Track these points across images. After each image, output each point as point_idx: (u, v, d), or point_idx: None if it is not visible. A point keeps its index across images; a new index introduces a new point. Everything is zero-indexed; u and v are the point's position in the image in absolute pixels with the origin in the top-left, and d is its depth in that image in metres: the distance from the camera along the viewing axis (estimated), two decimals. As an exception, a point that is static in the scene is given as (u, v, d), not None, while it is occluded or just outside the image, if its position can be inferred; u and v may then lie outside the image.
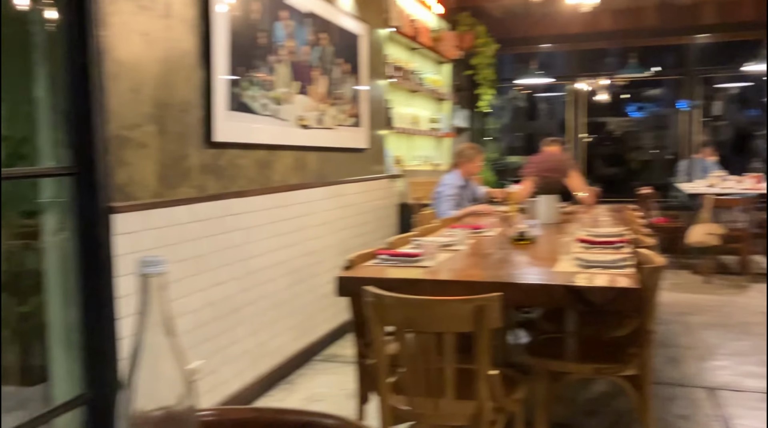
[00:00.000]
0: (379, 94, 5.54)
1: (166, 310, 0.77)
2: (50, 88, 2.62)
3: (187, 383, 0.77)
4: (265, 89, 3.68)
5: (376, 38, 5.42)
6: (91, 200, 2.54)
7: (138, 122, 2.76)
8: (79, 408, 2.68)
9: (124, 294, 2.67)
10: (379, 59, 5.50)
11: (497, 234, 3.76)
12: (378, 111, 5.49)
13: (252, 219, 3.63)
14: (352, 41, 4.89)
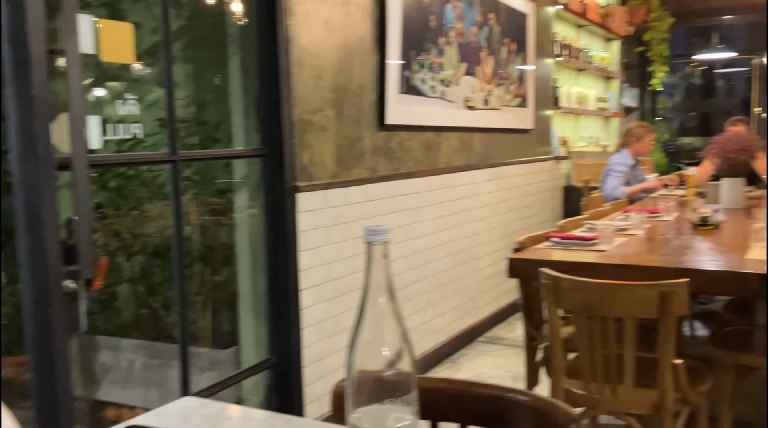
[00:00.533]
0: (545, 74, 5.40)
1: (388, 276, 0.82)
2: (242, 76, 2.83)
3: (406, 346, 0.82)
4: (434, 71, 3.73)
5: (543, 16, 5.28)
6: (278, 180, 2.72)
7: (319, 107, 2.91)
8: (264, 372, 2.90)
9: (306, 267, 2.84)
10: (546, 37, 5.37)
11: (675, 219, 3.56)
12: (544, 91, 5.37)
13: (418, 199, 3.71)
14: (520, 20, 4.80)
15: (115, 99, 2.86)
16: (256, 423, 1.05)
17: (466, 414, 1.23)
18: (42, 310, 1.86)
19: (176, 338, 3.25)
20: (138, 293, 3.37)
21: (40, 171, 1.82)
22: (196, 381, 2.67)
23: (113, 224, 3.32)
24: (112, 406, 3.28)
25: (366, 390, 0.81)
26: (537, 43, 5.09)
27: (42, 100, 1.81)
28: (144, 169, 3.28)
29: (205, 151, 3.05)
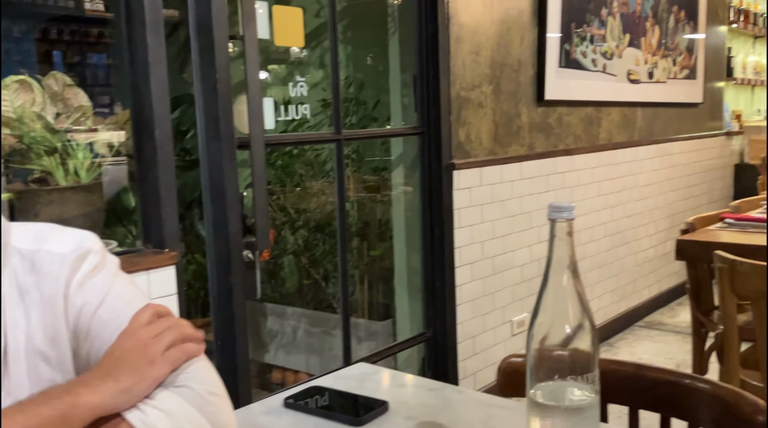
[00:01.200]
0: (717, 42, 5.00)
1: (571, 255, 0.81)
2: (401, 55, 2.88)
3: (588, 325, 0.81)
4: (596, 44, 3.58)
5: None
6: (434, 157, 2.76)
7: (476, 83, 2.90)
8: (419, 346, 2.98)
9: (461, 244, 2.87)
10: (719, 3, 4.95)
11: None
12: (715, 61, 4.97)
13: (576, 177, 3.60)
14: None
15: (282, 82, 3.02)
16: (428, 393, 1.09)
17: (636, 398, 1.20)
18: (224, 277, 2.03)
19: (336, 308, 3.42)
20: (300, 265, 3.57)
21: (223, 150, 1.97)
22: (355, 350, 2.79)
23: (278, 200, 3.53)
24: (277, 369, 3.51)
25: (546, 365, 0.81)
26: (709, 10, 4.72)
27: (224, 83, 1.96)
28: (307, 148, 3.45)
29: (367, 130, 3.15)
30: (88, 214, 1.75)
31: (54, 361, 0.86)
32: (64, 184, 1.78)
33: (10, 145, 1.78)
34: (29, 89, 1.79)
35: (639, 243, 4.22)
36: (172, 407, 0.82)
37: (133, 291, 0.92)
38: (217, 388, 0.88)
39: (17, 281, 0.86)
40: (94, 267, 0.88)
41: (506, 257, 3.14)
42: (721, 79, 5.11)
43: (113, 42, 3.79)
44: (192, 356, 0.86)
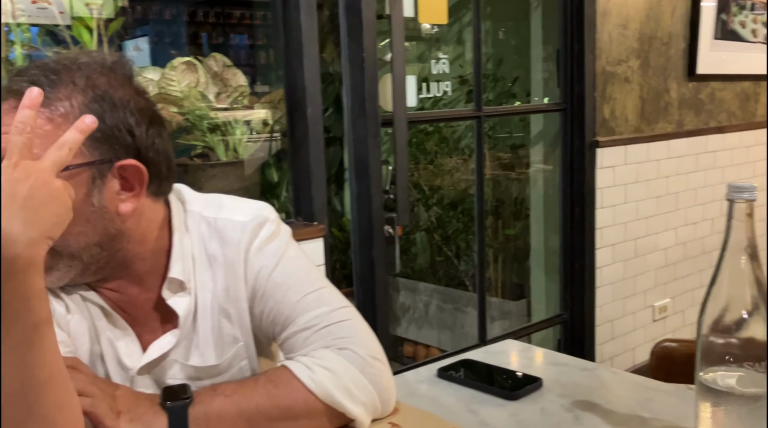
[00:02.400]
0: None
1: (751, 237, 0.78)
2: (543, 29, 2.81)
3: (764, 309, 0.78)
4: (756, 12, 3.31)
5: None
6: (578, 134, 2.68)
7: (623, 57, 2.78)
8: (555, 327, 2.93)
9: (603, 225, 2.78)
10: None
11: None
12: None
13: (729, 157, 3.37)
14: None
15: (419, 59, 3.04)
16: (581, 372, 1.08)
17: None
18: (367, 251, 2.09)
19: (467, 285, 3.43)
20: (433, 241, 3.61)
21: (368, 127, 2.02)
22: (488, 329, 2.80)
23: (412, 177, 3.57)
24: (408, 342, 3.59)
25: (718, 351, 0.79)
26: None
27: (371, 62, 2.00)
28: (442, 125, 3.46)
29: (508, 107, 3.11)
30: (245, 187, 1.87)
31: (234, 318, 0.95)
32: (225, 159, 1.90)
33: (176, 122, 1.93)
34: (194, 70, 1.93)
35: (798, 228, 3.89)
36: (337, 367, 0.87)
37: (303, 257, 0.98)
38: (378, 353, 0.92)
39: (205, 246, 0.94)
40: (270, 235, 0.95)
41: (650, 240, 3.01)
42: None
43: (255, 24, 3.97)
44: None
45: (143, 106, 0.86)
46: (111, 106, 0.82)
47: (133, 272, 0.90)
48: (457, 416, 0.93)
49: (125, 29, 1.90)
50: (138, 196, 0.85)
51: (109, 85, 0.83)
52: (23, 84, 0.79)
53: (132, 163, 0.83)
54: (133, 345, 0.93)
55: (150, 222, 0.89)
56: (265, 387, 0.86)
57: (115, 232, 0.85)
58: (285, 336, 0.92)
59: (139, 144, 0.84)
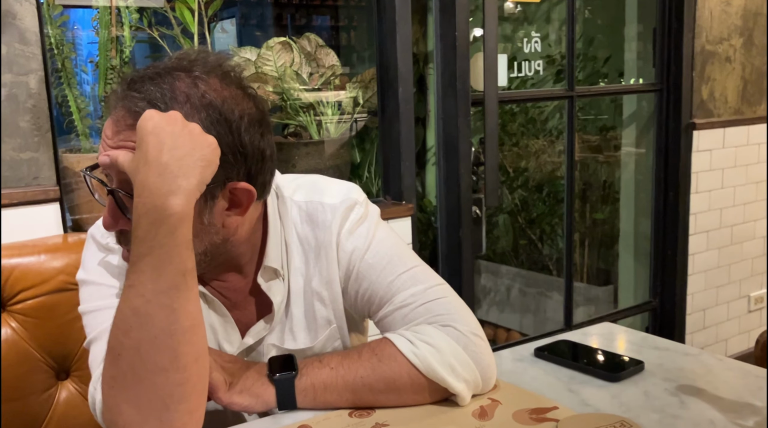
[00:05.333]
0: None
1: None
2: (638, 6, 2.71)
3: None
4: None
5: None
6: (673, 116, 2.58)
7: (724, 36, 2.65)
8: (642, 315, 2.85)
9: (697, 211, 2.68)
10: None
11: None
12: None
13: (838, 141, 3.17)
14: None
15: (507, 39, 2.99)
16: (685, 357, 1.05)
17: None
18: (454, 231, 2.10)
19: (551, 270, 3.38)
20: (516, 224, 3.57)
21: (459, 107, 2.01)
22: (574, 314, 2.75)
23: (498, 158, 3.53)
24: (489, 325, 3.57)
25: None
26: None
27: (463, 41, 1.99)
28: (529, 105, 3.40)
29: (601, 87, 3.02)
30: (337, 166, 1.90)
31: (327, 300, 0.97)
32: (317, 138, 1.94)
33: (272, 101, 1.97)
34: (289, 50, 1.97)
35: None
36: (441, 343, 0.88)
37: (393, 236, 1.00)
38: (479, 330, 0.93)
39: (297, 231, 0.97)
40: (360, 217, 0.96)
41: (747, 227, 2.88)
42: None
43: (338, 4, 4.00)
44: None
45: (253, 114, 0.85)
46: (227, 129, 0.81)
47: (233, 263, 0.93)
48: (557, 395, 0.93)
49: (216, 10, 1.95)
50: (245, 211, 0.87)
51: (223, 100, 0.82)
52: (139, 103, 0.79)
53: (243, 186, 0.84)
54: (232, 330, 0.97)
55: (251, 221, 0.91)
56: (369, 359, 0.89)
57: (220, 242, 0.87)
58: (382, 314, 0.94)
59: (250, 164, 0.84)
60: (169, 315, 0.74)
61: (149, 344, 0.74)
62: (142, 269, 0.74)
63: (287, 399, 0.87)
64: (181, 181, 0.73)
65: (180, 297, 0.74)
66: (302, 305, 0.98)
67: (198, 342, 0.77)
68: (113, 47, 1.65)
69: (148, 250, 0.73)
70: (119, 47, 1.65)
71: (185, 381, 0.75)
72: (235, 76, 0.86)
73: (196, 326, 0.76)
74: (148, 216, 0.73)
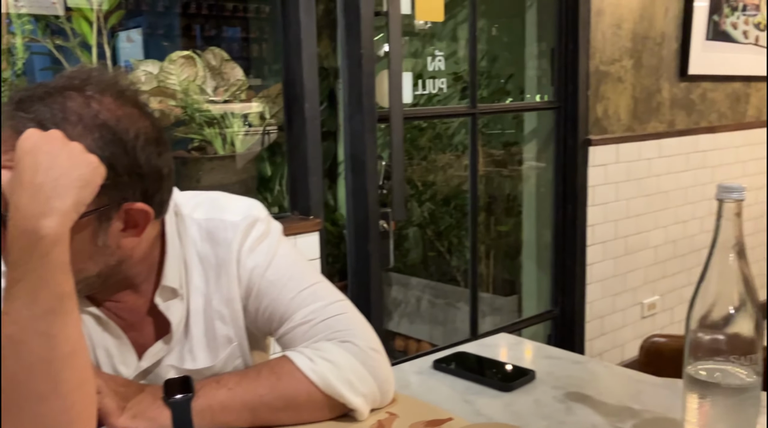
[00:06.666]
0: None
1: (738, 235, 0.81)
2: (538, 27, 2.84)
3: (752, 307, 0.81)
4: (748, 14, 3.35)
5: None
6: (570, 133, 2.71)
7: (616, 57, 2.81)
8: (545, 323, 2.97)
9: (594, 222, 2.82)
10: None
11: None
12: None
13: (719, 157, 3.41)
14: None
15: (414, 56, 3.06)
16: (573, 365, 1.11)
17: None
18: (362, 245, 2.12)
19: (459, 281, 3.46)
20: (425, 237, 3.64)
21: (365, 122, 2.04)
22: (479, 324, 2.83)
23: (405, 172, 3.59)
24: (400, 337, 3.62)
25: (706, 345, 0.82)
26: None
27: (369, 58, 2.03)
28: (436, 121, 3.48)
29: (502, 104, 3.14)
30: (243, 180, 1.89)
31: (227, 318, 0.97)
32: (222, 152, 1.92)
33: (175, 115, 1.94)
34: (192, 64, 1.94)
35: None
36: (339, 359, 0.90)
37: (294, 253, 1.00)
38: (376, 345, 0.95)
39: (196, 249, 0.96)
40: (262, 234, 0.97)
41: (640, 237, 3.05)
42: None
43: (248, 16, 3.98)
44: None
45: (149, 133, 0.83)
46: (122, 149, 0.79)
47: (129, 283, 0.92)
48: (452, 406, 0.96)
49: (119, 20, 1.91)
50: (141, 232, 0.85)
51: (118, 119, 0.80)
52: (28, 124, 0.76)
53: (139, 206, 0.82)
54: (128, 352, 0.95)
55: (148, 241, 0.89)
56: (268, 378, 0.89)
57: (116, 263, 0.86)
58: (283, 331, 0.94)
59: (146, 184, 0.83)
60: (47, 341, 0.71)
61: (26, 372, 0.71)
62: (16, 295, 0.71)
63: (183, 422, 0.86)
64: (55, 202, 0.71)
65: (57, 323, 0.72)
66: (202, 324, 0.97)
67: (80, 367, 0.75)
68: (4, 59, 1.58)
69: (22, 275, 0.71)
70: (11, 59, 1.58)
71: (69, 409, 0.73)
72: (130, 94, 0.85)
73: (77, 351, 0.74)
74: (20, 240, 0.71)
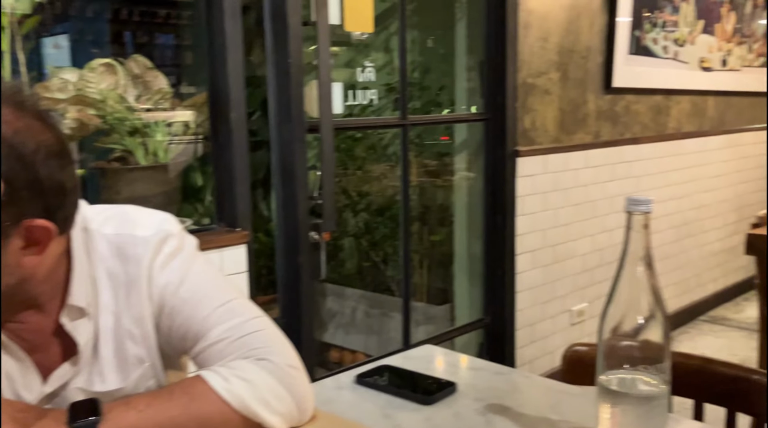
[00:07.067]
0: (797, 29, 4.79)
1: (646, 247, 0.82)
2: (467, 40, 2.88)
3: (661, 317, 0.83)
4: (668, 30, 3.49)
5: (799, -37, 4.66)
6: (499, 144, 2.75)
7: (543, 70, 2.88)
8: (477, 331, 3.00)
9: (523, 232, 2.86)
10: (801, -12, 4.74)
11: None
12: (794, 49, 4.77)
13: (643, 167, 3.53)
14: (770, -31, 4.29)
15: (347, 66, 3.06)
16: (496, 376, 1.11)
17: (704, 392, 1.20)
18: (292, 257, 2.09)
19: (394, 291, 3.46)
20: (360, 247, 3.63)
21: (294, 133, 2.02)
22: (413, 333, 2.83)
23: (340, 182, 3.58)
24: (335, 348, 3.59)
25: (617, 354, 0.83)
26: (790, -6, 4.52)
27: (296, 68, 2.01)
28: (370, 132, 3.49)
29: (432, 116, 3.16)
30: (166, 192, 1.83)
31: (138, 338, 0.93)
32: (144, 163, 1.86)
33: (95, 124, 1.87)
34: (113, 72, 1.88)
35: (705, 235, 4.12)
36: (255, 378, 0.87)
37: (210, 269, 0.97)
38: (294, 361, 0.93)
39: (105, 266, 0.92)
40: (174, 249, 0.93)
41: (568, 246, 3.12)
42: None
43: (181, 23, 3.90)
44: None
45: (52, 146, 0.79)
46: (20, 163, 0.76)
47: (32, 303, 0.87)
48: (373, 421, 0.95)
49: (44, 25, 1.83)
50: (44, 250, 0.81)
51: (15, 132, 0.76)
52: None
53: (40, 223, 0.78)
54: (31, 376, 0.90)
55: (52, 258, 0.85)
56: (180, 399, 0.85)
57: (16, 282, 0.81)
58: (197, 350, 0.91)
59: (48, 199, 0.79)
60: None
61: None
62: None
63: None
64: None
65: None
66: (112, 344, 0.93)
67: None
68: None
69: None
70: None
71: None
72: (31, 106, 0.80)
73: None
74: None
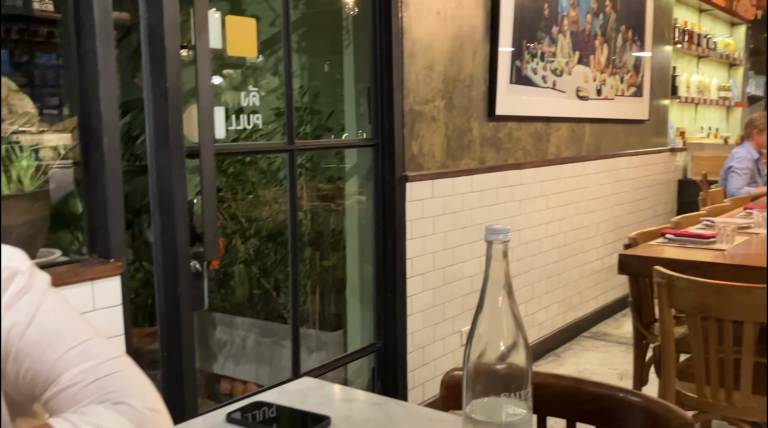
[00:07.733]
0: (663, 61, 5.17)
1: (506, 274, 0.84)
2: (355, 67, 2.90)
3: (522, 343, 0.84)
4: (546, 61, 3.66)
5: (662, 1, 5.05)
6: (388, 169, 2.78)
7: (429, 97, 2.94)
8: (370, 356, 2.99)
9: (413, 255, 2.90)
10: (665, 23, 5.13)
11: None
12: (661, 79, 5.14)
13: (526, 191, 3.68)
14: (637, 6, 4.62)
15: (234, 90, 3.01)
16: (371, 407, 1.10)
17: (574, 411, 1.24)
18: (171, 287, 2.01)
19: (286, 318, 3.40)
20: (251, 274, 3.55)
21: (173, 158, 1.95)
22: (305, 360, 2.79)
23: (229, 208, 3.50)
24: (226, 379, 3.48)
25: (481, 382, 0.84)
26: (655, 30, 4.88)
27: (175, 92, 1.95)
28: (259, 157, 3.44)
29: (320, 141, 3.16)
30: (31, 221, 1.72)
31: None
32: (7, 191, 1.74)
33: (-50, 150, 1.73)
34: (-28, 94, 1.75)
35: (586, 255, 4.32)
36: (109, 424, 0.81)
37: (64, 307, 0.91)
38: (156, 403, 0.87)
39: None
40: (22, 288, 0.87)
41: (456, 268, 3.18)
42: (666, 97, 5.28)
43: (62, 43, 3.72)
44: None
45: None
46: None
47: None
48: (240, 462, 0.91)
49: None
50: None
51: None
52: None
53: None
54: None
55: None
56: (23, 450, 0.79)
57: None
58: (48, 396, 0.84)
59: None
60: None
61: None
62: None
63: None
64: None
65: None
66: None
67: None
68: None
69: None
70: None
71: None
72: None
73: None
74: None
